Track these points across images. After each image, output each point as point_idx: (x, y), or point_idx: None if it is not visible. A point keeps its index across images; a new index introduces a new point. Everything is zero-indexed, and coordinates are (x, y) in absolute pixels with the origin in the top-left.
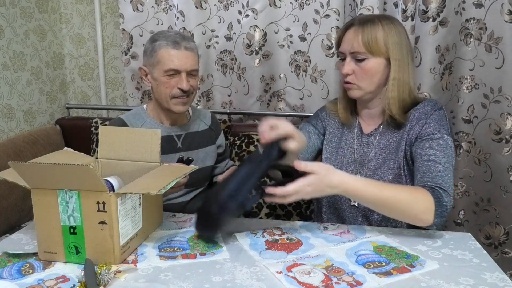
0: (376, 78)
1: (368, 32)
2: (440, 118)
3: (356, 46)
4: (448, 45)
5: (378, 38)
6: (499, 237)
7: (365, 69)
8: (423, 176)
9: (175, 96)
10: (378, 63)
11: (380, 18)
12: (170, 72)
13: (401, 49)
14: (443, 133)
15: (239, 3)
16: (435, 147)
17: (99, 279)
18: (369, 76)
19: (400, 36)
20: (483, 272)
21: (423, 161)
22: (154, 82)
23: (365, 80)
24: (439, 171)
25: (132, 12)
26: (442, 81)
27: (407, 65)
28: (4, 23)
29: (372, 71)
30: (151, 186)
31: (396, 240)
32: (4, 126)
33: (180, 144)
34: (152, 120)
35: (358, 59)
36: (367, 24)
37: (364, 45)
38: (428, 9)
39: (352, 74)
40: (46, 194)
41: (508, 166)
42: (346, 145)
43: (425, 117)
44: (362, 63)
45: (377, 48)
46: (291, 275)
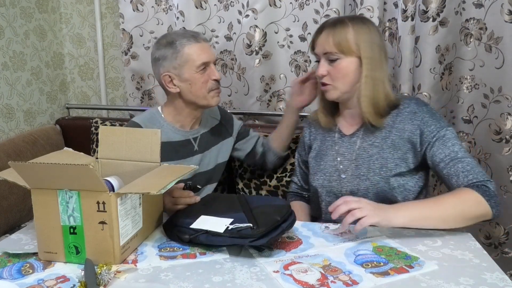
0: (350, 78)
1: (338, 32)
2: (433, 113)
3: (328, 47)
4: (448, 45)
5: (349, 38)
6: (499, 237)
7: (338, 69)
8: (459, 178)
9: (212, 89)
10: (351, 62)
11: (351, 18)
12: (202, 67)
13: (372, 47)
14: (444, 126)
15: (239, 3)
16: (449, 144)
17: (99, 279)
18: (342, 76)
19: (371, 34)
20: (483, 272)
21: (448, 164)
22: (185, 83)
23: (339, 80)
24: (468, 166)
25: (132, 12)
26: (442, 81)
27: (379, 64)
28: (4, 23)
29: (345, 70)
30: (151, 186)
31: (396, 240)
32: (4, 126)
33: (197, 146)
34: (169, 125)
35: (331, 60)
36: (337, 25)
37: (336, 46)
38: (428, 9)
39: (327, 75)
40: (46, 194)
41: (508, 166)
42: (328, 149)
43: (416, 117)
44: (335, 63)
45: (348, 47)
46: (287, 273)
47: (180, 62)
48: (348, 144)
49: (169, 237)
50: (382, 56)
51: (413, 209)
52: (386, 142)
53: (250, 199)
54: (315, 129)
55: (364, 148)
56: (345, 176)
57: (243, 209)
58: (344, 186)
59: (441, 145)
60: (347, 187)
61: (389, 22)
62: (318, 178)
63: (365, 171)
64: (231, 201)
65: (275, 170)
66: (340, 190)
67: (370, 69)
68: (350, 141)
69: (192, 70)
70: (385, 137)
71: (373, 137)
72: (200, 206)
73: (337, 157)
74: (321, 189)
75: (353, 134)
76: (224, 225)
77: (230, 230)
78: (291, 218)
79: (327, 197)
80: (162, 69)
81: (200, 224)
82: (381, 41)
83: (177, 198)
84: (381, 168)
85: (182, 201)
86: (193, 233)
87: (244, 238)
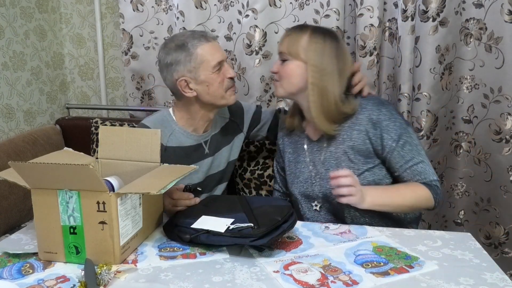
0: (295, 80)
1: (293, 36)
2: (391, 115)
3: (281, 47)
4: (448, 45)
5: (300, 43)
6: (499, 237)
7: (285, 69)
8: (413, 178)
9: (228, 88)
10: (297, 65)
11: (314, 28)
12: (218, 67)
13: (322, 58)
14: (402, 129)
15: (239, 3)
16: (406, 149)
17: (99, 279)
18: (287, 76)
19: (325, 46)
20: (483, 272)
21: (406, 171)
22: (202, 85)
23: (285, 79)
24: (423, 169)
25: (132, 12)
26: (442, 81)
27: (331, 76)
28: (4, 23)
29: (291, 71)
30: (151, 186)
31: (397, 240)
32: (4, 126)
33: (207, 149)
34: (181, 129)
35: (282, 60)
36: (296, 29)
37: (287, 47)
38: (428, 9)
39: (277, 73)
40: (46, 194)
41: (508, 166)
42: (300, 156)
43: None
44: (284, 63)
45: (296, 51)
46: (287, 273)
47: (195, 65)
48: (316, 150)
49: (170, 237)
50: (336, 70)
51: (379, 197)
52: (349, 145)
53: (251, 200)
54: (287, 138)
55: (331, 151)
56: (316, 181)
57: (243, 209)
58: (316, 190)
59: (399, 154)
60: (319, 191)
61: (389, 22)
62: (295, 186)
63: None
64: (232, 201)
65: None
66: (317, 194)
67: (317, 77)
68: (317, 146)
69: (208, 71)
70: (347, 141)
71: (338, 141)
72: (201, 207)
73: (309, 164)
74: (299, 196)
75: (319, 139)
76: (225, 225)
77: (231, 230)
78: (292, 218)
79: (305, 202)
80: (176, 74)
81: (201, 224)
82: (340, 58)
83: (177, 200)
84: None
85: (181, 203)
86: (194, 232)
87: (245, 238)
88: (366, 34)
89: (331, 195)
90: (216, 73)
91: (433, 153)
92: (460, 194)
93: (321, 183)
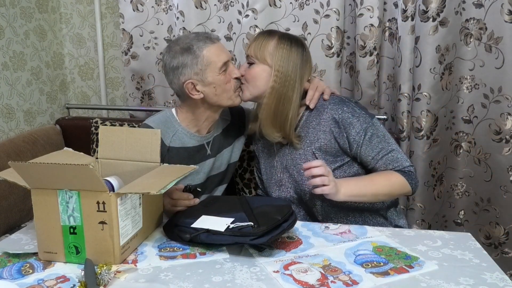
0: (260, 83)
1: (261, 40)
2: (354, 111)
3: (249, 51)
4: (448, 45)
5: (267, 48)
6: (499, 237)
7: (251, 72)
8: (387, 167)
9: (235, 88)
10: (263, 69)
11: (282, 34)
12: (224, 68)
13: (288, 65)
14: (367, 123)
15: (239, 3)
16: (374, 143)
17: (99, 279)
18: (252, 78)
19: (291, 53)
20: (483, 272)
21: (378, 162)
22: (210, 87)
23: (250, 82)
24: (393, 157)
25: (132, 12)
26: (442, 81)
27: (292, 83)
28: (4, 23)
29: (256, 74)
30: (151, 186)
31: (396, 240)
32: (4, 126)
33: (209, 150)
34: (184, 129)
35: (249, 63)
36: (265, 34)
37: (254, 51)
38: (428, 9)
39: (243, 76)
40: (46, 194)
41: (508, 166)
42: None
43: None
44: (251, 67)
45: (262, 55)
46: (287, 273)
47: (202, 67)
48: (288, 153)
49: (170, 237)
50: (298, 78)
51: (353, 188)
52: (317, 147)
53: (251, 200)
54: (260, 143)
55: (300, 154)
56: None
57: (243, 209)
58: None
59: (368, 147)
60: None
61: (389, 22)
62: (272, 191)
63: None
64: (232, 201)
65: None
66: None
67: (278, 82)
68: (288, 149)
69: (215, 73)
70: (314, 142)
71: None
72: (201, 207)
73: (281, 168)
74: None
75: (289, 143)
76: (225, 224)
77: (231, 229)
78: (292, 218)
79: None
80: (183, 77)
81: (201, 223)
82: (303, 66)
83: (177, 200)
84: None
85: (181, 203)
86: (194, 232)
87: (245, 237)
88: (366, 34)
89: (305, 196)
90: (222, 74)
91: (433, 153)
92: (460, 194)
93: (294, 185)
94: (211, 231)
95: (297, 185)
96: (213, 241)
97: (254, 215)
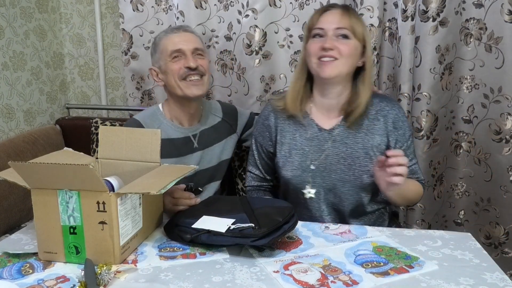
0: (353, 60)
1: (354, 15)
2: (405, 117)
3: (343, 23)
4: (448, 45)
5: (360, 24)
6: (499, 237)
7: (348, 47)
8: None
9: (184, 78)
10: (357, 46)
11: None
12: (175, 54)
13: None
14: (410, 131)
15: (239, 3)
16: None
17: (99, 279)
18: (349, 55)
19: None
20: (483, 272)
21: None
22: (166, 75)
23: (345, 57)
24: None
25: (132, 12)
26: (442, 81)
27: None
28: (4, 23)
29: (352, 51)
30: (151, 186)
31: (396, 240)
32: (4, 126)
33: (196, 143)
34: (168, 122)
35: (342, 36)
36: (351, 10)
37: (351, 25)
38: (428, 9)
39: (335, 49)
40: (46, 194)
41: (508, 166)
42: (306, 144)
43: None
44: (345, 41)
45: (360, 32)
46: (287, 273)
47: (159, 55)
48: (329, 139)
49: (170, 237)
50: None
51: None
52: (369, 140)
53: (252, 201)
54: (281, 120)
55: (346, 144)
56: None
57: (244, 210)
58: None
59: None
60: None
61: (389, 22)
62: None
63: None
64: (233, 202)
65: None
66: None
67: (371, 62)
68: (330, 135)
69: (167, 60)
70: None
71: (354, 133)
72: (202, 207)
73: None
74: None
75: (333, 128)
76: (226, 225)
77: (231, 230)
78: (293, 219)
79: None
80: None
81: (202, 224)
82: None
83: (178, 199)
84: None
85: (182, 202)
86: (194, 232)
87: (245, 238)
88: None
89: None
90: (173, 62)
91: (433, 153)
92: (460, 194)
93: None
94: (211, 231)
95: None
96: (214, 242)
97: (255, 216)
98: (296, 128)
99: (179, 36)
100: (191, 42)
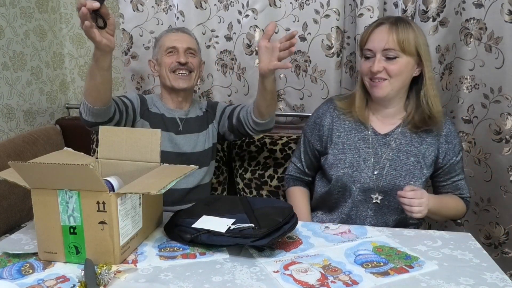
0: (405, 77)
1: (402, 30)
2: (456, 130)
3: (390, 44)
4: (448, 45)
5: (410, 38)
6: (499, 237)
7: (398, 66)
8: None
9: (173, 70)
10: (408, 62)
11: (408, 20)
12: (169, 50)
13: (428, 50)
14: (460, 146)
15: (239, 3)
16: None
17: (99, 279)
18: (399, 73)
19: (425, 38)
20: (483, 272)
21: (452, 182)
22: (159, 66)
23: (395, 77)
24: (462, 184)
25: (132, 12)
26: (442, 81)
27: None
28: (4, 23)
29: (403, 68)
30: (151, 186)
31: (396, 240)
32: (4, 126)
33: (182, 127)
34: (160, 102)
35: (389, 57)
36: (400, 23)
37: (398, 43)
38: (428, 9)
39: (383, 71)
40: (46, 194)
41: (508, 166)
42: (360, 145)
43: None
44: (394, 61)
45: (409, 47)
46: (287, 273)
47: (157, 50)
48: (383, 144)
49: (171, 237)
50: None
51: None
52: (420, 150)
53: (252, 201)
54: (338, 120)
55: (399, 149)
56: (378, 173)
57: (245, 210)
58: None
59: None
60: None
61: None
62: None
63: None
64: (233, 202)
65: (276, 170)
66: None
67: (431, 71)
68: (385, 140)
69: (162, 54)
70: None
71: (408, 141)
72: (202, 207)
73: (372, 155)
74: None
75: (388, 134)
76: (226, 225)
77: (232, 230)
78: (293, 220)
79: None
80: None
81: (202, 223)
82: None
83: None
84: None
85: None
86: (194, 232)
87: (245, 238)
88: None
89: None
90: (167, 56)
91: None
92: None
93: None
94: (212, 231)
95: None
96: (214, 242)
97: (255, 216)
98: (353, 128)
99: (177, 36)
100: (186, 42)
